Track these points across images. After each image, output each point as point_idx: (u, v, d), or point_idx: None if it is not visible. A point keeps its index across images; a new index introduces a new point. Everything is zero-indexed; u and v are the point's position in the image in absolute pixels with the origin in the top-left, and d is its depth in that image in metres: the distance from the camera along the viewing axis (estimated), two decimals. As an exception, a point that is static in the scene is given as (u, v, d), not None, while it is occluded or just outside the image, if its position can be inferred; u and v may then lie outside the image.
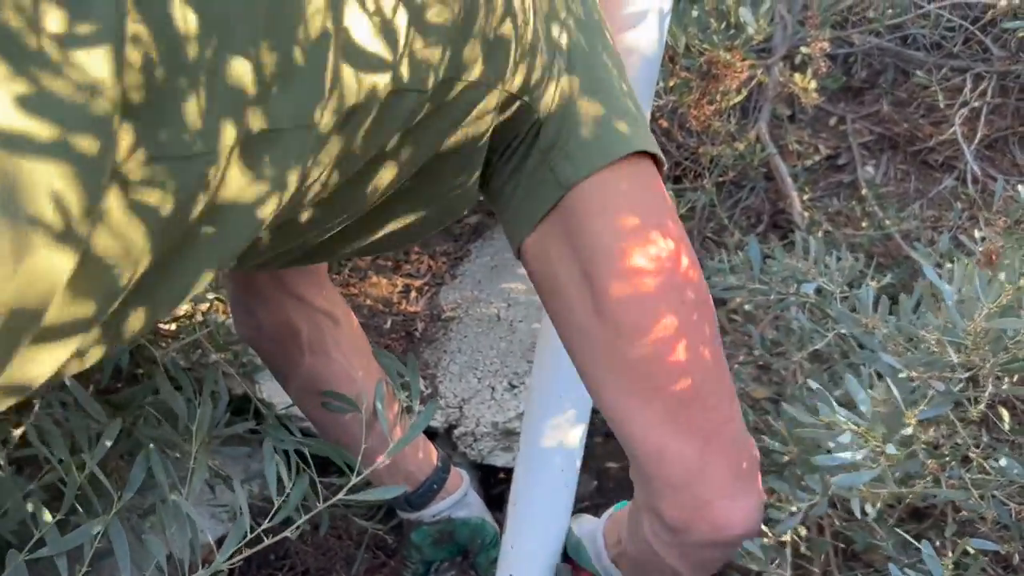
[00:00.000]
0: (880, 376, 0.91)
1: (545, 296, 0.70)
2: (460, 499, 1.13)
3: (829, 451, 0.74)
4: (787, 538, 0.80)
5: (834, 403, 0.73)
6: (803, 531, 0.81)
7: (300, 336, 0.93)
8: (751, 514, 0.68)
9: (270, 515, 0.80)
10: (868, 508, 0.82)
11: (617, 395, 0.67)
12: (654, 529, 0.69)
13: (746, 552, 0.79)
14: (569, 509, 1.13)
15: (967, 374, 0.74)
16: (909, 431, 0.73)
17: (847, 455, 0.70)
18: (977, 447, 0.95)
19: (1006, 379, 1.02)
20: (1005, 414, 1.10)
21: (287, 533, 0.84)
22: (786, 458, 0.90)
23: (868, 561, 1.11)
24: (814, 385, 0.78)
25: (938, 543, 1.05)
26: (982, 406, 0.74)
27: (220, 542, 1.19)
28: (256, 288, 0.91)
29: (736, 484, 0.67)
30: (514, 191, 0.67)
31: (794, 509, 0.86)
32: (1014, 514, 0.91)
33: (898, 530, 0.94)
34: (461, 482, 1.14)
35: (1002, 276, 0.82)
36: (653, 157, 0.70)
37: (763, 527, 0.82)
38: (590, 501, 1.40)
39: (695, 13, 1.39)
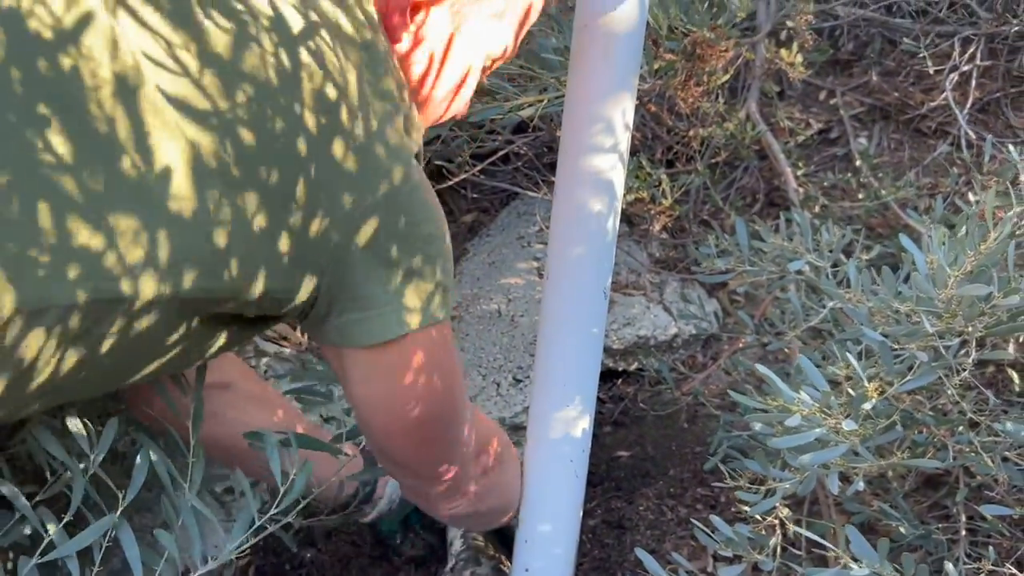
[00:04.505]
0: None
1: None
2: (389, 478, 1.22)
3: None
4: (773, 520, 0.80)
5: (787, 384, 0.73)
6: (785, 511, 0.81)
7: (187, 411, 0.99)
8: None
9: (276, 501, 0.81)
10: (856, 482, 0.82)
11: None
12: None
13: (725, 539, 0.80)
14: (581, 499, 1.13)
15: (956, 340, 0.73)
16: (869, 405, 0.72)
17: (811, 433, 0.70)
18: (982, 412, 0.94)
19: (1010, 345, 1.02)
20: (1015, 376, 1.10)
21: (292, 516, 0.85)
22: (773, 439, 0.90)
23: (885, 533, 1.11)
24: (802, 360, 0.77)
25: (954, 510, 1.05)
26: (966, 373, 0.73)
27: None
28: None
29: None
30: (303, 322, 0.82)
31: (765, 488, 0.85)
32: (1028, 476, 0.91)
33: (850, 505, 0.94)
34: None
35: (992, 237, 0.81)
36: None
37: (748, 510, 0.82)
38: (601, 488, 1.40)
39: (676, -5, 1.38)
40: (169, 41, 0.68)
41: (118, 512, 0.73)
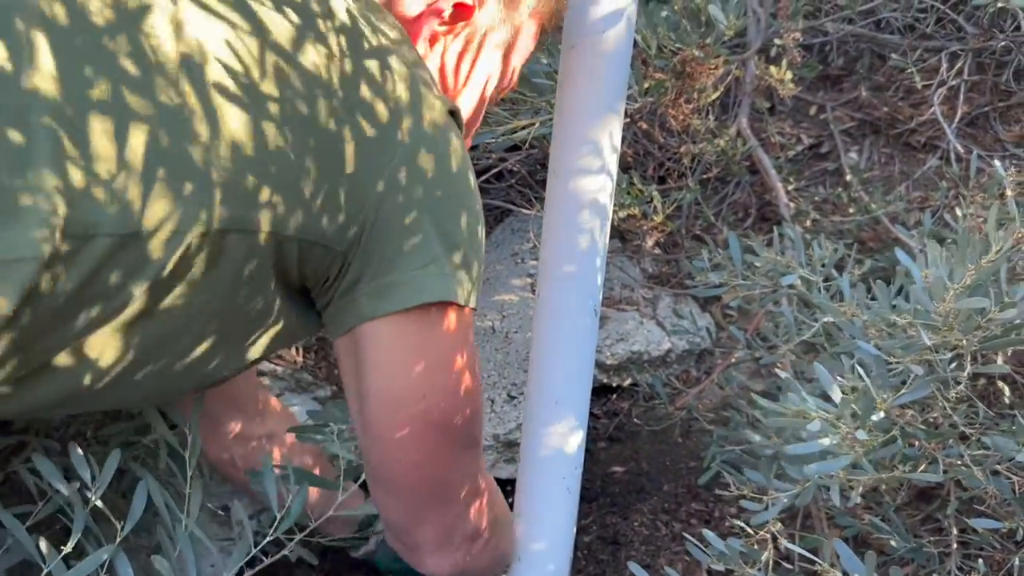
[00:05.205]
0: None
1: (343, 380, 0.85)
2: None
3: (802, 440, 0.75)
4: (766, 534, 0.80)
5: (803, 392, 0.73)
6: (778, 526, 0.81)
7: (234, 458, 1.08)
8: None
9: (274, 526, 0.81)
10: (852, 495, 0.82)
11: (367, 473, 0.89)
12: None
13: (717, 554, 0.80)
14: (574, 516, 1.13)
15: (950, 354, 0.74)
16: (878, 416, 0.73)
17: (820, 442, 0.71)
18: (972, 424, 0.95)
19: (999, 358, 1.03)
20: (1005, 389, 1.11)
21: (290, 549, 0.85)
22: (769, 451, 0.90)
23: (877, 547, 1.11)
24: (784, 375, 0.78)
25: (946, 523, 1.06)
26: (962, 386, 0.74)
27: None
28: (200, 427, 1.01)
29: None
30: (329, 303, 0.79)
31: (768, 499, 0.86)
32: (1017, 489, 0.91)
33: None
34: None
35: (993, 251, 0.82)
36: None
37: (742, 524, 0.83)
38: (596, 504, 1.41)
39: (664, 13, 1.40)
40: (233, 25, 0.68)
41: (116, 542, 0.72)
